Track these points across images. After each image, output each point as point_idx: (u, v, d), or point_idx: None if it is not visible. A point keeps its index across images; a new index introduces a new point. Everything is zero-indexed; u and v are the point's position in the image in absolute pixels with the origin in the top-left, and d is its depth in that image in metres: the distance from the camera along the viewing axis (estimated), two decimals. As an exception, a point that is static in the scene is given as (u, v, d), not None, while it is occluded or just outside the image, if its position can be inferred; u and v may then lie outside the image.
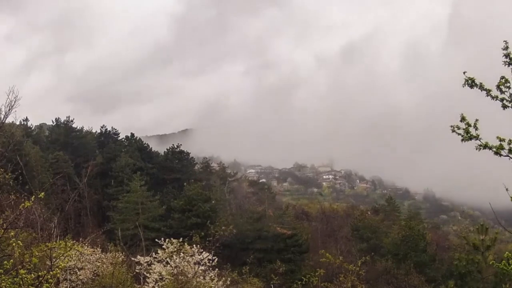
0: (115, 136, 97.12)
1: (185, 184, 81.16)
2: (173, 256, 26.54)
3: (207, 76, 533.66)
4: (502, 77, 8.36)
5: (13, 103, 26.98)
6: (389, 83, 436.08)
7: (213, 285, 27.10)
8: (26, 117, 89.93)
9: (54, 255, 13.08)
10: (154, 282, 26.45)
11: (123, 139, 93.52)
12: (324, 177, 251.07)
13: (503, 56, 8.48)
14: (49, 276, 10.58)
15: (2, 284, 10.35)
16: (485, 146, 8.28)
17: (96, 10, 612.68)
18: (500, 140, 8.18)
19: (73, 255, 22.28)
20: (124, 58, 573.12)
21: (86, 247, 26.76)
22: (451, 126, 8.39)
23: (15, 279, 10.47)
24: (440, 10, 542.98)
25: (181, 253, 26.64)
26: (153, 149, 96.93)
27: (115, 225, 61.03)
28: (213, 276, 27.94)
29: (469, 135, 8.33)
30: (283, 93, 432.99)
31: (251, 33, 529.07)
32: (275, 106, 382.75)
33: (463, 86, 8.54)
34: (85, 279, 25.96)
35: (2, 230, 11.12)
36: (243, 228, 71.43)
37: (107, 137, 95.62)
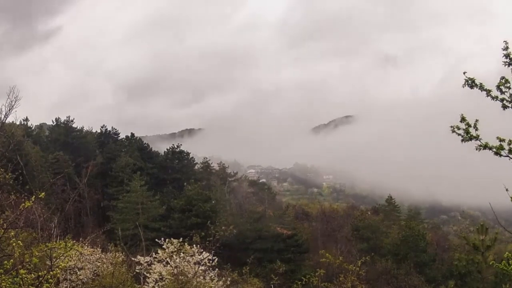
0: (115, 136, 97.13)
1: (185, 184, 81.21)
2: (173, 256, 26.51)
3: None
4: (502, 78, 8.36)
5: (13, 103, 27.01)
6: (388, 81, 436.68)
7: (213, 285, 27.08)
8: (26, 117, 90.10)
9: (54, 255, 13.06)
10: (154, 282, 26.43)
11: (123, 139, 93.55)
12: (324, 177, 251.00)
13: (503, 56, 8.48)
14: (49, 276, 10.58)
15: (2, 284, 10.35)
16: (485, 147, 8.29)
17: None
18: (500, 140, 8.19)
19: (73, 255, 22.26)
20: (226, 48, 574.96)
21: (86, 247, 26.73)
22: (451, 127, 8.40)
23: (15, 279, 10.46)
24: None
25: (181, 253, 26.61)
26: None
27: (115, 225, 60.99)
28: (213, 276, 27.92)
29: (469, 135, 8.34)
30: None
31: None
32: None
33: (463, 87, 8.55)
34: (85, 279, 25.93)
35: (2, 230, 11.12)
36: (243, 228, 71.46)
37: (107, 137, 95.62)
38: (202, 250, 27.34)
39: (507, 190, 8.31)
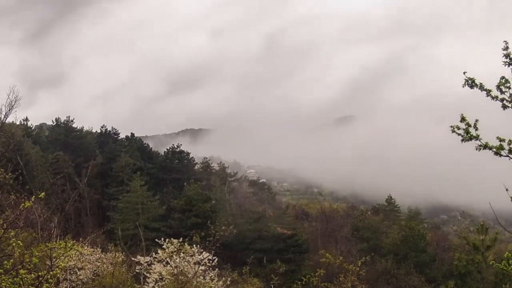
0: (115, 136, 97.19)
1: (185, 184, 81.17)
2: (173, 256, 26.51)
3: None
4: (502, 77, 8.37)
5: (13, 103, 27.02)
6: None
7: (213, 285, 27.07)
8: (26, 117, 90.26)
9: (54, 255, 13.06)
10: (154, 282, 26.43)
11: (123, 139, 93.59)
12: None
13: (503, 56, 8.48)
14: (49, 276, 10.57)
15: (2, 284, 10.35)
16: (485, 147, 8.29)
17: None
18: (500, 140, 8.19)
19: (73, 255, 22.26)
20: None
21: (86, 247, 26.74)
22: (451, 127, 8.40)
23: (15, 279, 10.46)
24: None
25: (181, 253, 26.60)
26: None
27: (115, 225, 61.00)
28: (213, 276, 27.91)
29: (469, 135, 8.33)
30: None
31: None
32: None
33: (463, 86, 8.55)
34: (85, 279, 25.92)
35: (2, 230, 11.11)
36: (243, 228, 71.43)
37: (107, 137, 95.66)
38: (202, 250, 27.33)
39: (507, 190, 8.31)
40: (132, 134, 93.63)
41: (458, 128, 8.39)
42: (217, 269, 29.21)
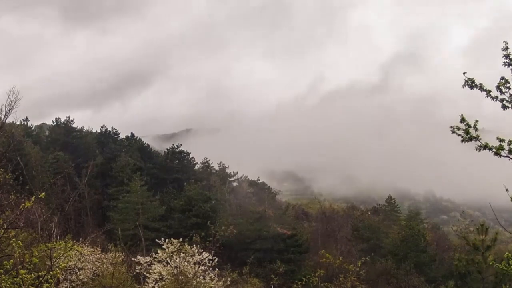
0: (115, 136, 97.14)
1: (185, 184, 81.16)
2: (173, 256, 26.54)
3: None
4: (502, 78, 8.36)
5: (13, 103, 27.04)
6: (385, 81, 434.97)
7: (213, 285, 27.09)
8: (26, 117, 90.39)
9: (54, 255, 13.08)
10: (154, 282, 26.45)
11: (123, 139, 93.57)
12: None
13: (503, 56, 8.48)
14: (49, 276, 10.58)
15: (2, 284, 10.36)
16: (485, 147, 8.28)
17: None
18: (500, 140, 8.19)
19: (73, 255, 22.28)
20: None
21: (86, 247, 26.78)
22: (451, 127, 8.39)
23: (15, 279, 10.46)
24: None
25: (181, 253, 26.62)
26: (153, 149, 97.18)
27: (115, 225, 60.97)
28: (213, 276, 27.94)
29: (469, 135, 8.33)
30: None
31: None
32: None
33: (463, 87, 8.54)
34: (85, 279, 25.94)
35: (2, 230, 11.12)
36: (243, 228, 71.40)
37: (107, 137, 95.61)
38: (202, 250, 27.36)
39: (507, 190, 8.31)
40: (132, 134, 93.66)
41: (458, 129, 8.39)
42: (217, 269, 29.26)
